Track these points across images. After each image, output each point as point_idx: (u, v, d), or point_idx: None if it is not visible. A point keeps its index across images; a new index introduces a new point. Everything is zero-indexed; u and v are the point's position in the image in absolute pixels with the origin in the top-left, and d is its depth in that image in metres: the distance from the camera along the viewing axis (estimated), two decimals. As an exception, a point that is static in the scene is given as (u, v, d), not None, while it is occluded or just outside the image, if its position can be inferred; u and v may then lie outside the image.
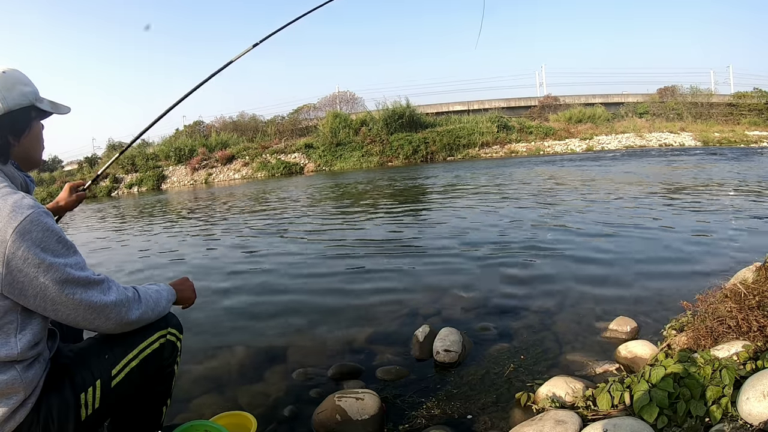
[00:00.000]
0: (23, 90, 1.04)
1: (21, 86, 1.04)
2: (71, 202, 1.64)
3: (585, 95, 28.24)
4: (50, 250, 0.93)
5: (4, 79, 1.02)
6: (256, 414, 1.55)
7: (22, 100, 1.03)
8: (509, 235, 4.52)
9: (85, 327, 1.05)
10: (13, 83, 1.02)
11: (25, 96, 1.04)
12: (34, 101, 1.07)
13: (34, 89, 1.08)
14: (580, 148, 20.47)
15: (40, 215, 0.93)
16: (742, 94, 26.05)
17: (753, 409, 1.21)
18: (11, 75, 1.03)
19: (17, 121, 1.04)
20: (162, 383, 1.26)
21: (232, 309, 3.03)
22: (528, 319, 2.48)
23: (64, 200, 1.62)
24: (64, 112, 1.21)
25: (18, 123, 1.05)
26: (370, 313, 2.73)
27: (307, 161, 21.90)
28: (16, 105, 1.02)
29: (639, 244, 3.85)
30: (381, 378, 1.99)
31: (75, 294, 0.96)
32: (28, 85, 1.07)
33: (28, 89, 1.06)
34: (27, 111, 1.06)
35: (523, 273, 3.29)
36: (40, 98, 1.10)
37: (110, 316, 1.03)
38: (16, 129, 1.05)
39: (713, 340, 1.70)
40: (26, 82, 1.06)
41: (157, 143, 26.69)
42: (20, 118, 1.05)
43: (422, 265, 3.67)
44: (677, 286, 2.75)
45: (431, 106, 27.48)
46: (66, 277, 0.94)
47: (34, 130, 1.10)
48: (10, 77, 1.03)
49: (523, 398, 1.67)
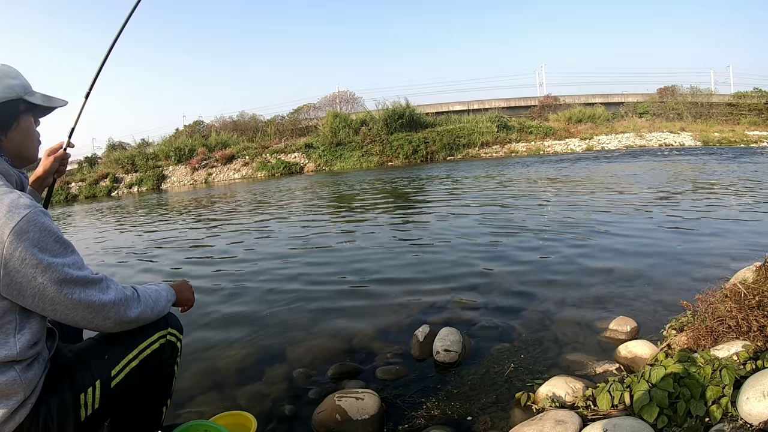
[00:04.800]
0: (9, 83, 1.03)
1: (7, 79, 1.03)
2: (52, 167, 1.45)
3: (585, 95, 28.21)
4: (48, 250, 0.92)
5: None
6: (256, 414, 1.55)
7: (8, 92, 1.02)
8: (508, 234, 4.51)
9: (85, 326, 1.05)
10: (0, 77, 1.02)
11: (12, 89, 1.03)
12: (23, 94, 1.06)
13: (22, 82, 1.07)
14: (580, 147, 20.46)
15: (38, 215, 0.93)
16: (742, 94, 26.04)
17: (753, 408, 1.21)
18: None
19: (2, 114, 1.03)
20: (162, 383, 1.26)
21: (232, 309, 3.03)
22: (528, 319, 2.48)
23: (44, 168, 1.43)
24: (59, 105, 1.18)
25: (3, 116, 1.03)
26: (370, 313, 2.73)
27: (307, 161, 21.89)
28: (1, 98, 1.01)
29: (639, 243, 3.85)
30: (381, 378, 1.99)
31: (74, 293, 0.96)
32: (16, 78, 1.05)
33: (14, 82, 1.04)
34: (14, 104, 1.04)
35: (523, 273, 3.29)
36: (30, 92, 1.09)
37: (109, 314, 1.03)
38: (2, 122, 1.04)
39: (713, 340, 1.70)
40: (13, 76, 1.05)
41: (157, 143, 26.69)
42: (6, 111, 1.03)
43: (422, 265, 3.67)
44: (677, 286, 2.75)
45: (431, 105, 27.46)
46: (64, 276, 0.94)
47: (23, 124, 1.09)
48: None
49: (523, 398, 1.67)
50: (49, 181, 1.48)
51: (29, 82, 1.11)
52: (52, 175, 1.46)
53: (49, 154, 1.45)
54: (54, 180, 1.49)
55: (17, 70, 1.10)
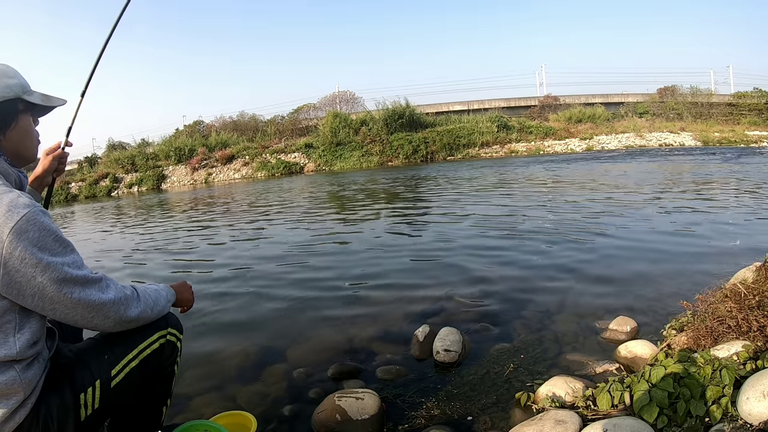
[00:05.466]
0: (7, 82, 1.03)
1: (5, 79, 1.03)
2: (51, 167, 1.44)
3: (585, 95, 28.20)
4: (48, 249, 0.93)
5: None
6: (256, 414, 1.55)
7: (6, 92, 1.02)
8: (508, 235, 4.51)
9: (85, 326, 1.05)
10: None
11: (10, 88, 1.03)
12: (21, 93, 1.06)
13: (21, 81, 1.07)
14: (580, 147, 20.46)
15: (37, 214, 0.93)
16: (742, 94, 26.04)
17: (753, 408, 1.21)
18: None
19: (1, 114, 1.03)
20: (162, 383, 1.26)
21: (231, 309, 3.03)
22: (528, 319, 2.47)
23: (43, 167, 1.42)
24: (58, 104, 1.18)
25: (1, 115, 1.03)
26: (370, 313, 2.73)
27: (307, 161, 21.89)
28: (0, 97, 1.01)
29: (638, 243, 3.85)
30: (381, 378, 1.99)
31: (73, 293, 0.96)
32: (14, 77, 1.05)
33: (13, 81, 1.04)
34: (12, 103, 1.04)
35: (523, 273, 3.29)
36: (29, 91, 1.09)
37: (109, 314, 1.03)
38: (1, 122, 1.04)
39: (713, 340, 1.70)
40: (11, 75, 1.05)
41: (157, 143, 26.69)
42: (4, 111, 1.03)
43: (422, 265, 3.67)
44: (677, 286, 2.75)
45: (431, 105, 27.45)
46: (64, 276, 0.94)
47: (22, 123, 1.09)
48: None
49: (523, 398, 1.67)
50: (48, 181, 1.47)
51: (28, 81, 1.10)
52: (51, 174, 1.46)
53: (47, 153, 1.44)
54: (53, 179, 1.48)
55: (16, 69, 1.10)
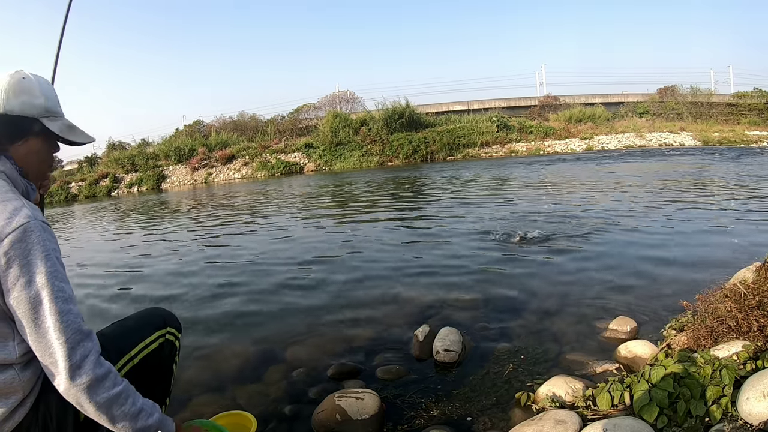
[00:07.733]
0: (31, 101, 1.02)
1: (29, 97, 1.02)
2: None
3: (585, 95, 28.18)
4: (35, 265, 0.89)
5: (18, 84, 1.01)
6: (256, 414, 1.54)
7: (25, 108, 1.02)
8: (508, 234, 4.51)
9: (41, 359, 0.91)
10: (22, 91, 1.01)
11: (31, 107, 1.02)
12: (41, 116, 1.04)
13: (47, 105, 1.05)
14: (580, 147, 20.45)
15: (37, 226, 0.92)
16: (742, 94, 26.03)
17: (753, 408, 1.21)
18: (26, 83, 1.02)
19: (12, 126, 1.02)
20: (161, 382, 1.26)
21: (231, 308, 3.03)
22: (528, 319, 2.47)
23: None
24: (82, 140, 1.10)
25: (12, 128, 1.03)
26: (369, 313, 2.73)
27: (307, 161, 21.89)
28: (17, 111, 1.01)
29: (638, 243, 3.85)
30: (381, 378, 1.99)
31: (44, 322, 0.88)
32: (41, 97, 1.04)
33: (37, 101, 1.03)
34: (28, 122, 1.03)
35: (523, 273, 3.29)
36: (53, 115, 1.07)
37: (72, 371, 0.88)
38: (10, 133, 1.03)
39: (713, 339, 1.70)
40: (38, 95, 1.04)
41: (157, 143, 26.69)
42: (17, 125, 1.03)
43: (422, 265, 3.67)
44: (677, 286, 2.75)
45: (431, 105, 27.43)
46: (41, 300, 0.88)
47: (32, 143, 1.06)
48: (24, 85, 1.02)
49: (523, 398, 1.67)
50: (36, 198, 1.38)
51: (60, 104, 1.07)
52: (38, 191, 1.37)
53: None
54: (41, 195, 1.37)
55: (51, 88, 1.07)
